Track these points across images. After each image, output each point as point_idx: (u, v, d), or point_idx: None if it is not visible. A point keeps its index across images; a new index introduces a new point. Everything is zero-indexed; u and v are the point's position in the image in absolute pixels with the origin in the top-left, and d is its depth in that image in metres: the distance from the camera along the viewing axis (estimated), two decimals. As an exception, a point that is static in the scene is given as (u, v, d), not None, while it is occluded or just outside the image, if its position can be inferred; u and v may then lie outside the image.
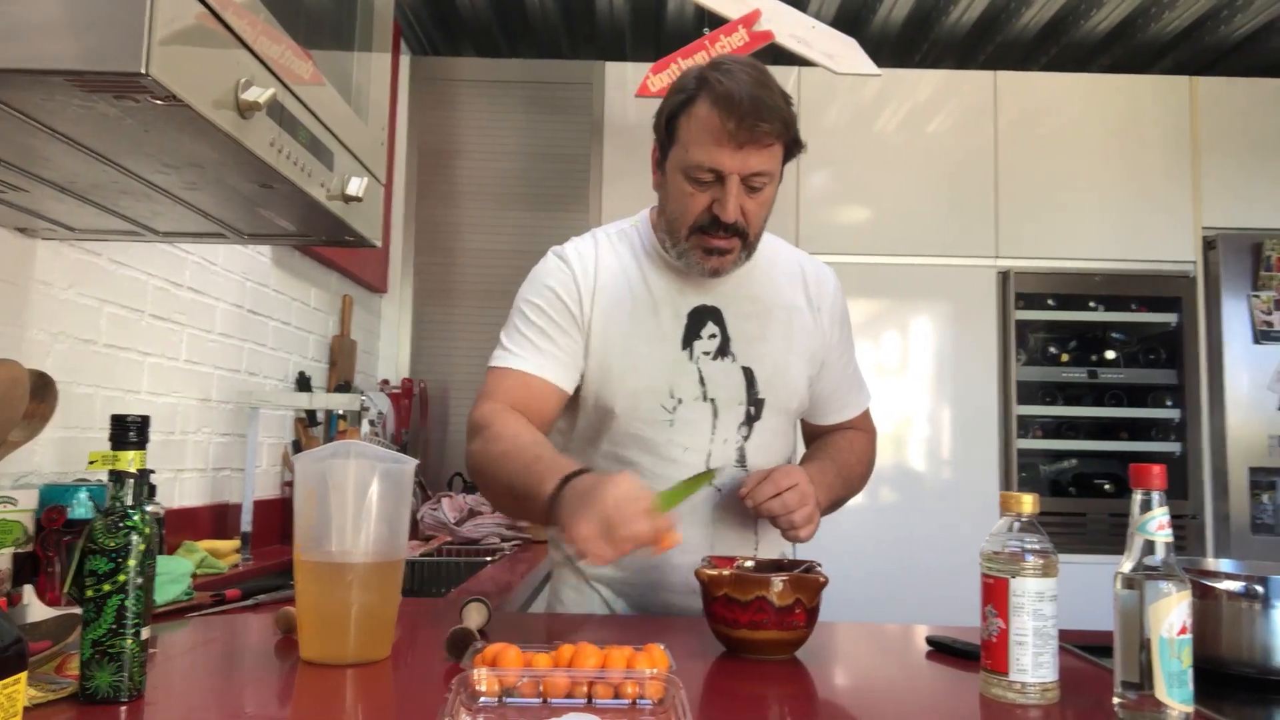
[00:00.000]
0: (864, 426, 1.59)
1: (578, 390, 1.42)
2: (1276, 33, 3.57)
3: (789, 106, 1.31)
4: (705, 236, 1.33)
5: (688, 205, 1.33)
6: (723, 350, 1.41)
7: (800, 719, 0.96)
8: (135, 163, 1.13)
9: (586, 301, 1.40)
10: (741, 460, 1.41)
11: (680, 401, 1.39)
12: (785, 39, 2.89)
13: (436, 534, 2.70)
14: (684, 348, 1.40)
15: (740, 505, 1.34)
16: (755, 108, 1.25)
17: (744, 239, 1.35)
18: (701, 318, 1.41)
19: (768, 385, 1.42)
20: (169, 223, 1.46)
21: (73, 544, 1.37)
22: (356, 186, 1.39)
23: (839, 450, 1.50)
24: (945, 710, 0.99)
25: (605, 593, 1.46)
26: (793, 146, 1.34)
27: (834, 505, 1.46)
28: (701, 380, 1.40)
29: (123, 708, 0.87)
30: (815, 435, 1.59)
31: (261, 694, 0.98)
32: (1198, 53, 3.75)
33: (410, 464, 1.11)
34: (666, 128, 1.35)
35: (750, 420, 1.41)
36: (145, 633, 0.89)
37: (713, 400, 1.40)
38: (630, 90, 3.47)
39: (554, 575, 1.53)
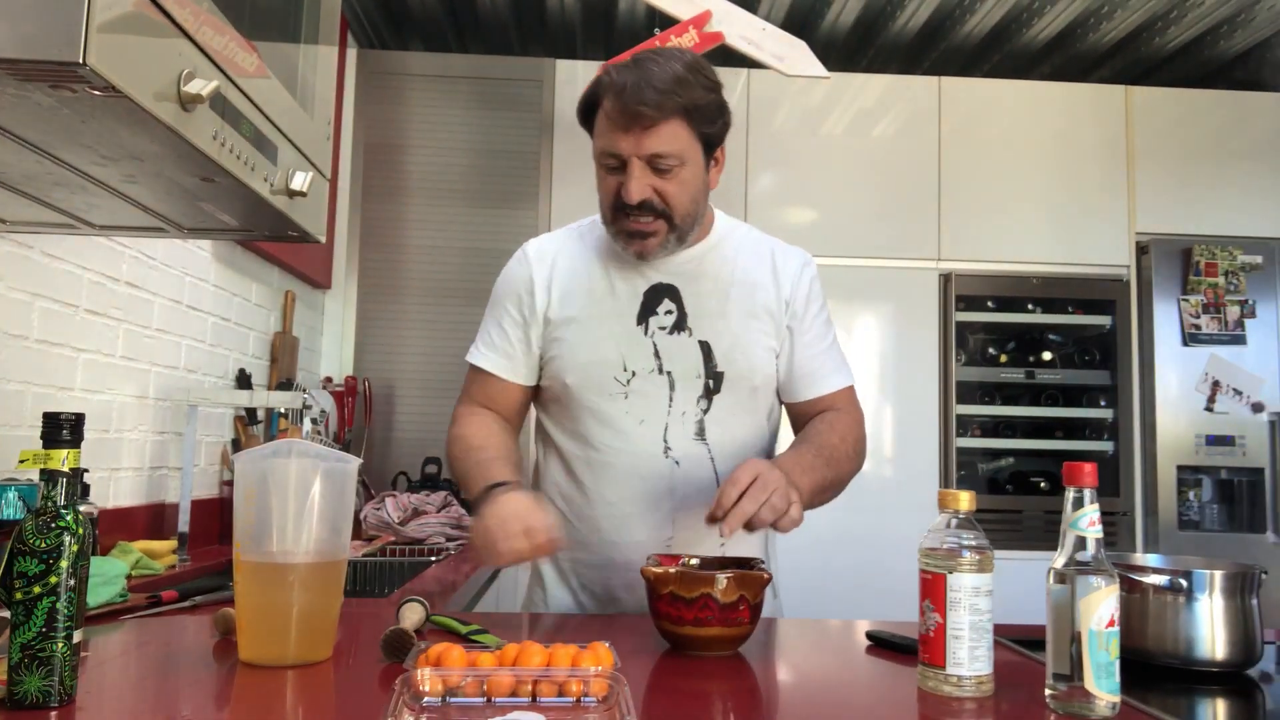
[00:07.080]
0: (845, 407, 1.52)
1: (546, 371, 1.49)
2: (1208, 46, 3.70)
3: (699, 89, 1.33)
4: (625, 219, 1.38)
5: (602, 191, 1.41)
6: (679, 325, 1.44)
7: (742, 714, 0.97)
8: (71, 154, 1.10)
9: (543, 290, 1.48)
10: (701, 434, 1.43)
11: (634, 374, 1.43)
12: (735, 40, 2.91)
13: (380, 534, 2.67)
14: (639, 323, 1.44)
15: (703, 495, 1.35)
16: (637, 91, 1.30)
17: (669, 221, 1.38)
18: (658, 295, 1.46)
19: (726, 358, 1.44)
20: (106, 216, 1.42)
21: (1, 545, 1.33)
22: (301, 181, 1.37)
23: (816, 432, 1.45)
24: (884, 703, 1.01)
25: (574, 581, 1.49)
26: (703, 124, 1.36)
27: (824, 488, 1.38)
28: (657, 353, 1.43)
29: (53, 713, 0.85)
30: (799, 418, 1.54)
31: (199, 697, 0.96)
32: (1133, 63, 3.86)
33: (353, 463, 1.10)
34: (585, 122, 1.45)
35: (709, 393, 1.44)
36: (77, 636, 0.87)
37: (669, 373, 1.43)
38: (580, 88, 3.43)
39: (530, 575, 1.58)
